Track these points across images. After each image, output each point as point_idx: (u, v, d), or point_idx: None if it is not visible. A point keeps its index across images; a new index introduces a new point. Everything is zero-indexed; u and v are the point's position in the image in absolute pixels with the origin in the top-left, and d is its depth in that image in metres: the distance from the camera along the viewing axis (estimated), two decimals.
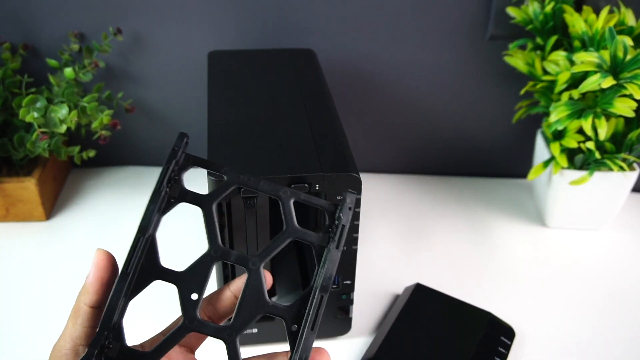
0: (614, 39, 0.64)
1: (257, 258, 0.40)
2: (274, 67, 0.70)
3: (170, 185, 0.40)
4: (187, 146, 0.42)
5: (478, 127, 0.88)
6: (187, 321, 0.38)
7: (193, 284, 0.39)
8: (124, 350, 0.37)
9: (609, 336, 0.65)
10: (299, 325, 0.38)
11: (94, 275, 0.38)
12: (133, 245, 0.38)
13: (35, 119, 0.70)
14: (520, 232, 0.80)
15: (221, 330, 0.38)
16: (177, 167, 0.41)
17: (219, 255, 0.40)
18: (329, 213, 0.41)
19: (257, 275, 0.39)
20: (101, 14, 0.78)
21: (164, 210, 0.40)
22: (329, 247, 0.40)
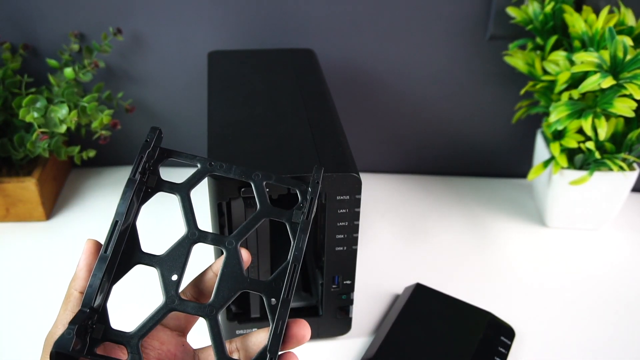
0: (614, 39, 0.64)
1: (233, 238, 0.42)
2: (274, 67, 0.70)
3: (147, 177, 0.43)
4: (161, 139, 0.45)
5: (478, 127, 0.88)
6: (168, 301, 0.40)
7: (173, 265, 0.41)
8: (108, 332, 0.38)
9: (609, 336, 0.65)
10: (277, 299, 0.40)
11: (83, 262, 0.40)
12: (110, 229, 0.40)
13: (35, 119, 0.70)
14: (520, 232, 0.81)
15: (202, 308, 0.40)
16: (153, 160, 0.44)
17: (196, 237, 0.42)
18: (300, 192, 0.44)
19: (235, 254, 0.41)
20: (101, 14, 0.78)
21: (142, 200, 0.43)
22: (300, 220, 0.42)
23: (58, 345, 0.35)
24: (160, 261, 0.41)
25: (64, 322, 0.38)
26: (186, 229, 0.42)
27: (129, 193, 0.41)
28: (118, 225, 0.40)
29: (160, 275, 0.40)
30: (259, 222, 0.43)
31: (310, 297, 0.64)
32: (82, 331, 0.37)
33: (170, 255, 0.41)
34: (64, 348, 0.35)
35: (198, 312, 0.40)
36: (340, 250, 0.56)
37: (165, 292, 0.40)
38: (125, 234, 0.41)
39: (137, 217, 0.42)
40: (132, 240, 0.41)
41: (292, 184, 0.45)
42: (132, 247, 0.41)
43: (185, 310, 0.40)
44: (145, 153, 0.43)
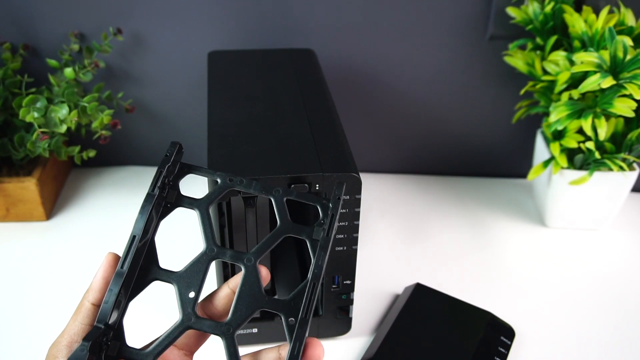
0: (614, 39, 0.64)
1: (252, 255, 0.41)
2: (274, 67, 0.70)
3: (167, 192, 0.42)
4: (181, 154, 0.44)
5: (478, 127, 0.88)
6: (184, 318, 0.39)
7: (190, 282, 0.40)
8: (123, 349, 0.38)
9: (609, 336, 0.65)
10: (296, 318, 0.39)
11: (101, 275, 0.39)
12: (128, 244, 0.39)
13: (35, 119, 0.70)
14: (520, 232, 0.81)
15: (219, 327, 0.39)
16: (173, 175, 0.43)
17: (215, 254, 0.41)
18: (321, 208, 0.43)
19: (253, 272, 0.41)
20: (101, 14, 0.78)
21: (161, 215, 0.42)
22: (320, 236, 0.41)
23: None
24: (177, 278, 0.40)
25: (71, 332, 0.38)
26: (205, 245, 0.41)
27: (148, 207, 0.40)
28: (136, 240, 0.39)
29: (177, 292, 0.40)
30: (279, 239, 0.42)
31: None
32: (96, 348, 0.36)
33: (188, 271, 0.40)
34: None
35: (215, 331, 0.39)
36: (340, 250, 0.56)
37: (182, 309, 0.39)
38: (144, 249, 0.40)
39: (156, 233, 0.42)
40: (150, 256, 0.41)
41: (313, 200, 0.43)
42: (150, 262, 0.41)
43: (202, 328, 0.39)
44: (165, 168, 0.42)
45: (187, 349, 0.42)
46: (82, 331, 0.38)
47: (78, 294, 0.69)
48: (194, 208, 0.43)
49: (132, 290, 0.39)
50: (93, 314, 0.38)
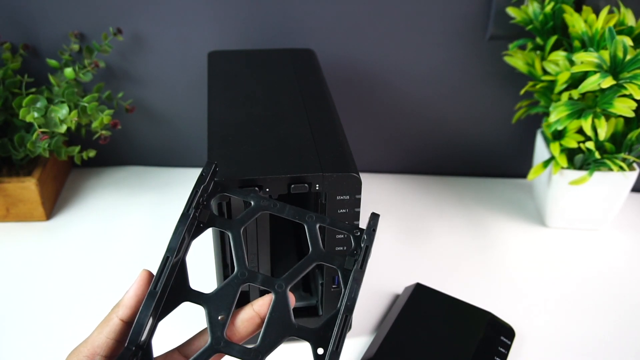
0: (614, 39, 0.64)
1: (283, 281, 0.41)
2: (274, 67, 0.70)
3: (199, 211, 0.42)
4: (216, 173, 0.44)
5: (478, 127, 0.88)
6: (214, 342, 0.39)
7: (220, 305, 0.40)
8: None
9: (609, 336, 0.65)
10: (325, 349, 0.38)
11: (133, 291, 0.39)
12: (161, 264, 0.39)
13: (35, 119, 0.70)
14: (520, 232, 0.81)
15: (248, 352, 0.38)
16: (206, 194, 0.43)
17: (246, 277, 0.41)
18: (354, 237, 0.43)
19: (284, 298, 0.40)
20: (101, 14, 0.78)
21: (193, 235, 0.42)
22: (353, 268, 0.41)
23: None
24: (207, 300, 0.40)
25: (95, 344, 0.37)
26: (237, 269, 0.41)
27: (182, 228, 0.40)
28: (169, 261, 0.39)
29: (207, 315, 0.39)
30: (311, 266, 0.42)
31: (310, 297, 0.64)
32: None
33: (218, 294, 0.40)
34: None
35: (244, 357, 0.38)
36: (341, 250, 0.56)
37: (212, 332, 0.39)
38: (175, 268, 0.40)
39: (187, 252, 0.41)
40: (181, 276, 0.40)
41: (347, 229, 0.43)
42: (181, 283, 0.40)
43: (231, 353, 0.39)
44: (201, 188, 0.42)
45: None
46: (106, 345, 0.38)
47: (78, 294, 0.69)
48: (226, 230, 0.42)
49: (162, 310, 0.39)
50: (120, 329, 0.38)
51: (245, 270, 0.41)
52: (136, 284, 0.39)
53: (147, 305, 0.38)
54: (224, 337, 0.39)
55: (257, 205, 0.43)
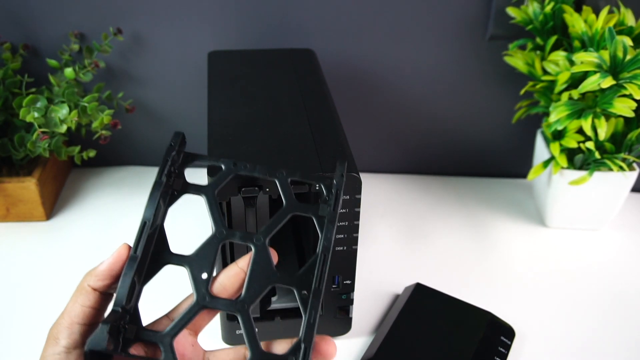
0: (614, 39, 0.64)
1: (261, 234, 0.42)
2: (274, 67, 0.70)
3: (173, 180, 0.44)
4: (184, 144, 0.46)
5: (478, 127, 0.88)
6: (199, 298, 0.40)
7: (202, 264, 0.41)
8: (141, 332, 0.39)
9: (609, 336, 0.65)
10: (309, 291, 0.40)
11: (108, 264, 0.39)
12: (139, 230, 0.40)
13: (35, 119, 0.70)
14: (520, 232, 0.81)
15: (233, 304, 0.40)
16: (178, 164, 0.44)
17: (225, 236, 0.42)
18: (325, 186, 0.45)
19: (264, 250, 0.42)
20: (101, 14, 0.78)
21: (168, 203, 0.43)
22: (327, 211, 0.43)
23: (92, 343, 0.35)
24: (189, 260, 0.41)
25: (72, 314, 0.38)
26: (214, 229, 0.43)
27: (156, 195, 0.41)
28: (146, 226, 0.40)
29: (190, 274, 0.41)
30: (286, 217, 0.44)
31: None
32: (114, 331, 0.37)
33: (199, 254, 0.42)
34: (99, 346, 0.35)
35: (230, 309, 0.40)
36: (340, 250, 0.56)
37: (196, 290, 0.40)
38: (154, 236, 0.41)
39: (165, 219, 0.43)
40: (161, 242, 0.42)
41: (317, 179, 0.45)
42: (161, 248, 0.42)
43: (217, 307, 0.40)
44: (170, 156, 0.44)
45: (192, 329, 0.43)
46: (82, 313, 0.38)
47: None
48: (200, 194, 0.44)
49: (145, 275, 0.40)
50: (93, 298, 0.38)
51: (222, 229, 0.42)
52: (113, 256, 0.39)
53: (129, 268, 0.39)
54: (208, 293, 0.40)
55: (228, 169, 0.45)
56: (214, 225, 0.43)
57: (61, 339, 0.37)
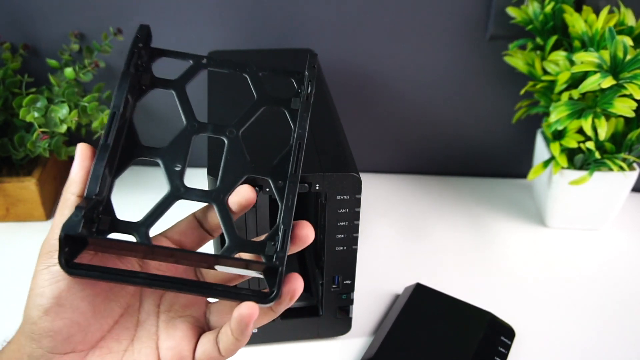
0: (614, 39, 0.64)
1: (234, 127, 0.42)
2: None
3: (141, 74, 0.43)
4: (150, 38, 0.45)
5: (478, 127, 0.88)
6: (173, 189, 0.40)
7: (175, 156, 0.41)
8: (115, 223, 0.38)
9: (609, 336, 0.65)
10: (284, 181, 0.40)
11: (79, 165, 0.38)
12: (109, 119, 0.39)
13: (35, 118, 0.70)
14: (520, 232, 0.81)
15: (208, 194, 0.40)
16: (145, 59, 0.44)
17: (197, 128, 0.42)
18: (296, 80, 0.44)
19: (237, 142, 0.42)
20: (101, 14, 0.78)
21: (138, 97, 0.43)
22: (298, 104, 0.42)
23: (66, 228, 0.35)
24: (162, 153, 0.41)
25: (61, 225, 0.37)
26: (185, 122, 0.42)
27: (124, 85, 0.41)
28: (116, 116, 0.39)
29: (163, 166, 0.40)
30: (258, 111, 0.43)
31: (310, 297, 0.64)
32: (88, 220, 0.36)
33: (172, 147, 0.41)
34: (73, 230, 0.35)
35: (204, 199, 0.40)
36: (340, 250, 0.56)
37: (170, 181, 0.40)
38: (124, 129, 0.41)
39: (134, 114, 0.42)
40: (131, 136, 0.41)
41: (287, 73, 0.44)
42: (132, 142, 0.41)
43: (191, 197, 0.40)
44: (137, 47, 0.42)
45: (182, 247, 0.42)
46: None
47: None
48: (169, 88, 0.43)
49: (117, 167, 0.40)
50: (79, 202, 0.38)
51: (194, 122, 0.42)
52: (78, 158, 0.38)
53: (100, 158, 0.38)
54: (182, 184, 0.40)
55: (196, 63, 0.45)
56: (185, 119, 0.42)
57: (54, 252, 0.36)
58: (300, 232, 0.39)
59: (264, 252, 0.38)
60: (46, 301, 0.36)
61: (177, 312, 0.40)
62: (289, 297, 0.37)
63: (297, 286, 0.37)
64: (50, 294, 0.35)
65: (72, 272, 0.35)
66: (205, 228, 0.42)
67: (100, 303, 0.38)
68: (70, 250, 0.35)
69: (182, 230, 0.42)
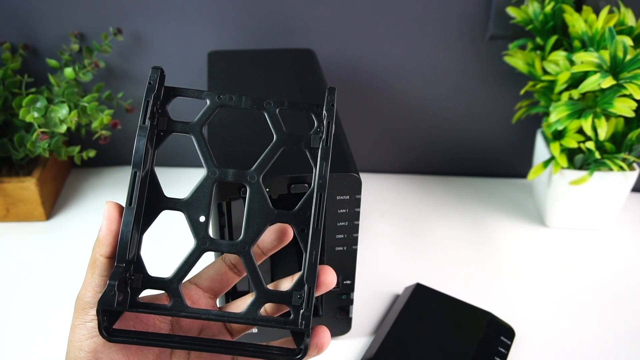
0: (614, 39, 0.64)
1: (255, 172, 0.42)
2: (274, 67, 0.70)
3: (157, 120, 0.42)
4: (164, 79, 0.43)
5: (478, 127, 0.88)
6: (199, 242, 0.40)
7: (198, 207, 0.41)
8: (147, 280, 0.39)
9: (609, 336, 0.65)
10: (307, 228, 0.40)
11: (107, 228, 0.39)
12: (131, 180, 0.39)
13: (35, 119, 0.70)
14: (520, 232, 0.81)
15: (234, 245, 0.40)
16: (160, 101, 0.42)
17: (217, 175, 0.41)
18: (315, 115, 0.43)
19: (259, 189, 0.41)
20: (101, 14, 0.78)
21: (156, 145, 0.42)
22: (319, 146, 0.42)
23: (103, 303, 0.36)
24: (185, 204, 0.41)
25: (93, 284, 0.38)
26: (206, 169, 0.41)
27: (143, 140, 0.40)
28: (137, 176, 0.39)
29: (187, 219, 0.40)
30: (279, 151, 0.43)
31: None
32: (122, 284, 0.37)
33: (195, 197, 0.41)
34: (109, 304, 0.36)
35: (231, 250, 0.40)
36: (340, 250, 0.56)
37: (196, 234, 0.40)
38: (146, 182, 0.40)
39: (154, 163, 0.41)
40: (154, 187, 0.41)
41: (306, 108, 0.44)
42: (155, 193, 0.41)
43: (218, 249, 0.40)
44: (152, 96, 0.42)
45: (212, 293, 0.43)
46: (103, 283, 0.39)
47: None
48: (188, 133, 0.42)
49: (143, 223, 0.40)
50: (108, 266, 0.39)
51: (215, 169, 0.41)
52: (106, 220, 0.39)
53: (126, 221, 0.38)
54: (208, 235, 0.40)
55: (213, 103, 0.43)
56: (205, 165, 0.41)
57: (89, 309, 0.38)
58: (325, 279, 0.40)
59: (291, 304, 0.39)
60: (84, 355, 0.38)
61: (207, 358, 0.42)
62: (316, 352, 0.39)
63: (324, 340, 0.39)
64: (87, 348, 0.38)
65: (112, 340, 0.37)
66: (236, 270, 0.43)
67: (134, 353, 0.40)
68: (108, 319, 0.37)
69: (211, 277, 0.43)
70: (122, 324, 0.39)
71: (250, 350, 0.39)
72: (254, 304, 0.39)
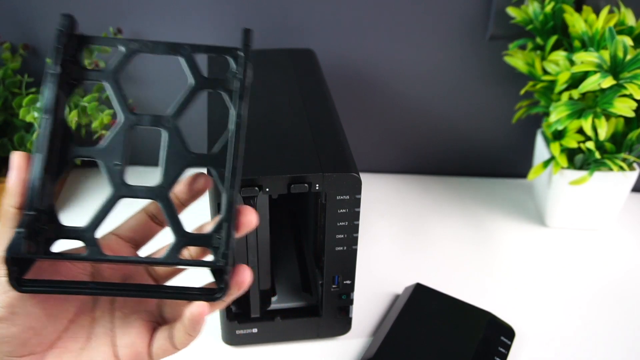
0: (614, 39, 0.64)
1: (171, 117, 0.41)
2: (274, 67, 0.70)
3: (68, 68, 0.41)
4: (75, 26, 0.43)
5: (478, 127, 0.88)
6: (115, 189, 0.39)
7: (114, 154, 0.40)
8: (61, 230, 0.38)
9: (609, 336, 0.65)
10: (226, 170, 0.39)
11: (16, 177, 0.37)
12: (39, 126, 0.38)
13: (35, 118, 0.70)
14: (520, 232, 0.81)
15: (151, 190, 0.39)
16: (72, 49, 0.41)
17: (133, 120, 0.41)
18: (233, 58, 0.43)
19: (177, 133, 0.41)
20: (101, 14, 0.78)
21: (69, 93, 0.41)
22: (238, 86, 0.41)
23: (11, 251, 0.35)
24: (100, 152, 0.40)
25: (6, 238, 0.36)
26: (121, 114, 0.41)
27: (52, 87, 0.39)
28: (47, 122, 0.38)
29: (103, 166, 0.39)
30: (195, 95, 0.42)
31: (310, 297, 0.64)
32: (33, 234, 0.36)
33: (110, 144, 0.40)
34: (17, 251, 0.35)
35: (149, 195, 0.39)
36: (340, 250, 0.56)
37: (112, 181, 0.39)
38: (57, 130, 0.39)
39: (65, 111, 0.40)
40: (66, 135, 0.40)
41: (221, 51, 0.43)
42: (67, 142, 0.40)
43: (135, 195, 0.39)
44: (62, 42, 0.41)
45: (133, 243, 0.42)
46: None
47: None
48: (102, 80, 0.41)
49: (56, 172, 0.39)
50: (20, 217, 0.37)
51: (130, 115, 0.41)
52: (15, 170, 0.37)
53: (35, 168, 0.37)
54: (124, 182, 0.39)
55: (128, 50, 0.42)
56: (121, 111, 0.41)
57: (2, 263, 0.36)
58: (243, 219, 0.39)
59: (211, 245, 0.38)
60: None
61: (131, 308, 0.41)
62: (236, 289, 0.38)
63: (245, 278, 0.38)
64: (2, 303, 0.36)
65: (23, 290, 0.36)
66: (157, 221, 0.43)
67: (52, 306, 0.38)
68: (18, 268, 0.35)
69: (131, 227, 0.42)
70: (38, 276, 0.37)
71: (170, 292, 0.38)
72: (174, 248, 0.38)
